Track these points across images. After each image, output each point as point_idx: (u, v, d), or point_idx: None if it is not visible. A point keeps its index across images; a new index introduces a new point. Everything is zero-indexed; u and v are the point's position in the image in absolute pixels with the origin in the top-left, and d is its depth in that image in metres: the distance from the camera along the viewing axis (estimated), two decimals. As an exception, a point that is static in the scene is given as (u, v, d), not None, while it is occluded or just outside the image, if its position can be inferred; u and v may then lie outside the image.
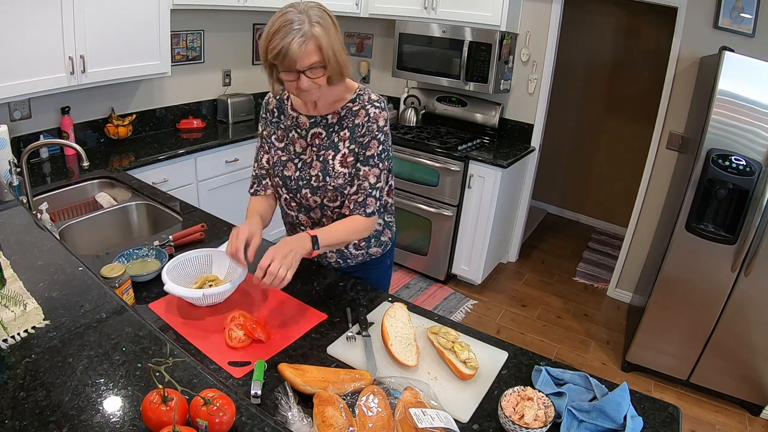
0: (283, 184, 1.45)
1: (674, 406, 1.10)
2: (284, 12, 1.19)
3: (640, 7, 3.46)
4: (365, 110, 1.35)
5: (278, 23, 1.17)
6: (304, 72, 1.21)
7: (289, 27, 1.16)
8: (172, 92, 3.24)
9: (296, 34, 1.16)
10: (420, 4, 3.23)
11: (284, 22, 1.17)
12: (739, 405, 2.54)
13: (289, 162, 1.43)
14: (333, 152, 1.37)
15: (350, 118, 1.37)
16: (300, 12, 1.18)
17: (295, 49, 1.16)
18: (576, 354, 2.90)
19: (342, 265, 1.58)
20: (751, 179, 2.13)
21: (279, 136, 1.45)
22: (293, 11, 1.19)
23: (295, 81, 1.22)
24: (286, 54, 1.16)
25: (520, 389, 1.04)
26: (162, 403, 0.73)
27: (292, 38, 1.15)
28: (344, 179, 1.38)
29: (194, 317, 1.27)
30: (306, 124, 1.40)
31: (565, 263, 3.96)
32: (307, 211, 1.47)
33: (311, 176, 1.39)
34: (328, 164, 1.37)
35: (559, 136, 4.47)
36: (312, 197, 1.41)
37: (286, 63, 1.19)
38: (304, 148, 1.41)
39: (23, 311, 0.97)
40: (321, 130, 1.39)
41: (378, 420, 0.93)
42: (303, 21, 1.17)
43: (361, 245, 1.55)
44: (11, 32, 2.05)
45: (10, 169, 1.88)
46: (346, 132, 1.37)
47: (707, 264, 2.33)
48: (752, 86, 2.09)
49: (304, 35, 1.16)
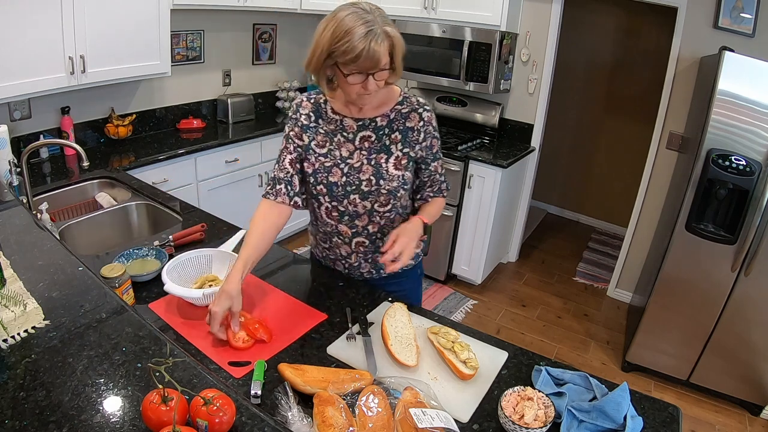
0: (327, 192, 1.37)
1: (674, 406, 1.10)
2: (353, 11, 1.15)
3: (640, 7, 3.46)
4: (418, 114, 1.35)
5: (350, 23, 1.13)
6: (373, 74, 1.18)
7: (364, 27, 1.12)
8: (172, 92, 3.24)
9: (374, 35, 1.12)
10: (420, 4, 3.23)
11: (358, 21, 1.13)
12: (739, 405, 2.54)
13: (335, 167, 1.35)
14: (386, 155, 1.34)
15: (401, 121, 1.35)
16: (369, 12, 1.15)
17: (376, 50, 1.13)
18: (576, 354, 2.90)
19: (374, 276, 1.52)
20: (751, 179, 2.13)
21: (319, 142, 1.37)
22: (362, 11, 1.15)
23: (361, 83, 1.19)
24: (367, 55, 1.13)
25: (520, 389, 1.04)
26: (162, 403, 0.73)
27: (371, 39, 1.12)
28: (398, 182, 1.35)
29: (194, 317, 1.27)
30: (353, 127, 1.35)
31: (565, 263, 3.96)
32: (351, 219, 1.40)
33: (361, 181, 1.34)
34: (381, 167, 1.34)
35: (559, 136, 4.47)
36: (361, 203, 1.36)
37: (361, 64, 1.15)
38: (352, 152, 1.35)
39: (23, 311, 0.97)
40: (370, 133, 1.35)
41: (378, 420, 0.93)
42: (376, 21, 1.14)
43: None
44: (11, 32, 2.05)
45: (10, 169, 1.88)
46: (397, 135, 1.34)
47: (707, 264, 2.33)
48: (752, 86, 2.09)
49: (381, 36, 1.14)
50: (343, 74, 1.18)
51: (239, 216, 2.99)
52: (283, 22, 3.83)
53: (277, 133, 3.39)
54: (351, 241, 1.44)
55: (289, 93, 3.89)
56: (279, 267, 1.57)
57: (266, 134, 3.31)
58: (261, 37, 3.75)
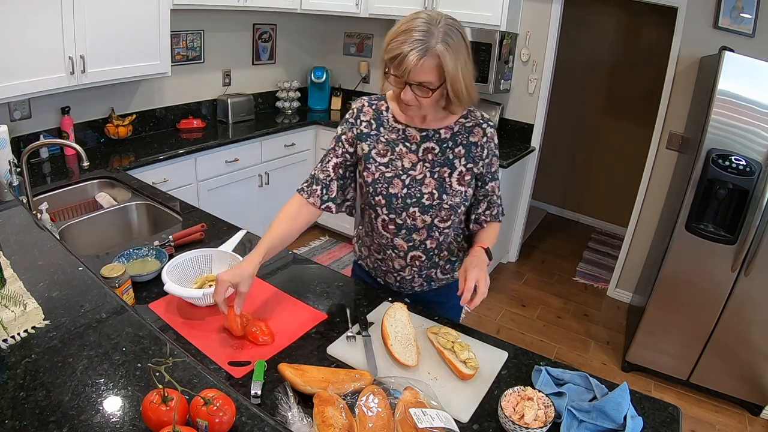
0: (386, 203, 1.32)
1: (674, 406, 1.10)
2: (415, 16, 1.13)
3: (640, 7, 3.46)
4: (482, 129, 1.32)
5: (405, 25, 1.12)
6: (411, 85, 1.15)
7: (411, 34, 1.09)
8: (172, 92, 3.24)
9: (417, 45, 1.09)
10: (420, 4, 3.23)
11: (410, 27, 1.10)
12: (739, 405, 2.54)
13: (396, 178, 1.31)
14: (449, 169, 1.30)
15: (464, 135, 1.31)
16: (430, 22, 1.11)
17: (410, 60, 1.09)
18: (576, 354, 2.90)
19: (425, 288, 1.48)
20: (751, 179, 2.13)
21: (380, 150, 1.32)
22: (423, 19, 1.12)
23: (400, 89, 1.18)
24: (401, 62, 1.10)
25: (520, 389, 1.04)
26: (162, 403, 0.73)
27: (411, 48, 1.09)
28: (461, 198, 1.32)
29: (194, 317, 1.27)
30: (416, 138, 1.31)
31: (565, 263, 3.96)
32: (408, 233, 1.35)
33: (423, 194, 1.30)
34: (444, 182, 1.30)
35: (559, 136, 4.47)
36: (421, 216, 1.31)
37: (396, 69, 1.13)
38: (414, 163, 1.31)
39: (23, 311, 0.97)
40: (434, 145, 1.30)
41: (378, 420, 0.93)
42: (430, 33, 1.09)
43: (447, 269, 1.47)
44: (11, 32, 2.05)
45: (10, 169, 1.88)
46: (460, 149, 1.31)
47: (707, 264, 2.33)
48: (752, 86, 2.09)
49: (425, 50, 1.09)
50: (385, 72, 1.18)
51: (239, 216, 3.00)
52: (283, 22, 3.83)
53: (277, 133, 3.39)
54: (406, 255, 1.39)
55: (289, 93, 3.88)
56: (279, 267, 1.57)
57: (266, 134, 3.31)
58: (261, 37, 3.75)
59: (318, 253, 3.76)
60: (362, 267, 1.57)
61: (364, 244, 1.51)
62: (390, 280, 1.48)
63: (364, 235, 1.49)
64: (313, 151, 3.76)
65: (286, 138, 3.47)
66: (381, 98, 1.37)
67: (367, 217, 1.42)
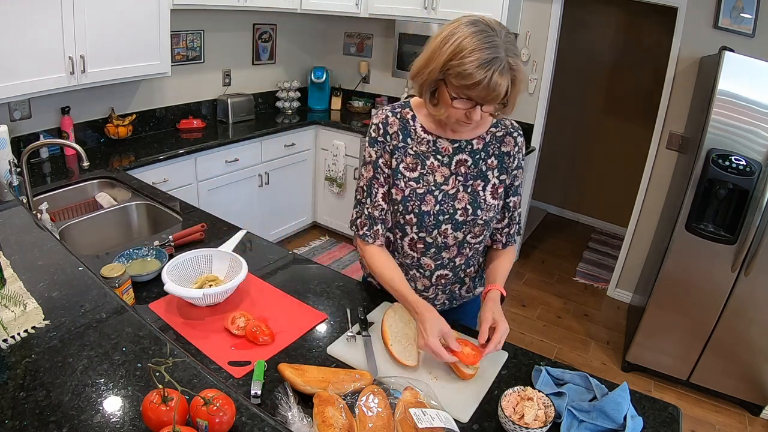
0: (417, 221, 1.24)
1: (674, 406, 1.10)
2: (479, 30, 1.02)
3: (640, 7, 3.46)
4: (512, 138, 1.25)
5: (474, 43, 1.00)
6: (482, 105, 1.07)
7: (489, 53, 0.99)
8: (172, 92, 3.24)
9: (498, 65, 1.00)
10: (420, 4, 3.23)
11: (483, 44, 1.00)
12: (739, 405, 2.54)
13: (428, 195, 1.22)
14: (483, 182, 1.23)
15: (496, 145, 1.24)
16: (495, 33, 1.02)
17: (499, 82, 1.00)
18: (576, 354, 2.90)
19: (446, 307, 1.42)
20: (751, 179, 2.13)
21: (409, 164, 1.22)
22: (489, 30, 1.02)
23: (466, 110, 1.08)
24: (487, 86, 1.00)
25: (520, 389, 1.04)
26: (162, 403, 0.73)
27: (496, 69, 1.00)
28: (494, 212, 1.26)
29: (194, 317, 1.27)
30: (449, 150, 1.22)
31: (565, 263, 3.96)
32: (438, 251, 1.28)
33: (456, 210, 1.23)
34: (478, 196, 1.23)
35: (559, 136, 4.47)
36: (453, 233, 1.24)
37: (477, 93, 1.03)
38: (447, 177, 1.22)
39: (23, 311, 0.97)
40: (467, 157, 1.23)
41: (378, 420, 0.93)
42: (498, 47, 1.01)
43: (471, 287, 1.42)
44: (11, 32, 2.05)
45: (10, 169, 1.88)
46: (493, 160, 1.24)
47: (707, 264, 2.33)
48: (752, 86, 2.08)
49: (504, 67, 1.01)
50: (450, 96, 1.07)
51: (239, 216, 3.00)
52: (283, 22, 3.83)
53: (277, 133, 3.39)
54: (432, 275, 1.32)
55: (289, 93, 3.89)
56: (279, 267, 1.57)
57: (266, 134, 3.31)
58: (261, 37, 3.75)
59: (318, 253, 3.76)
60: (373, 284, 1.49)
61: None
62: None
63: None
64: (313, 151, 3.77)
65: (286, 138, 3.47)
66: (405, 105, 1.26)
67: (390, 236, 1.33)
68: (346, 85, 4.21)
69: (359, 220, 1.29)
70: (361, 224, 1.29)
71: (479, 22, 1.04)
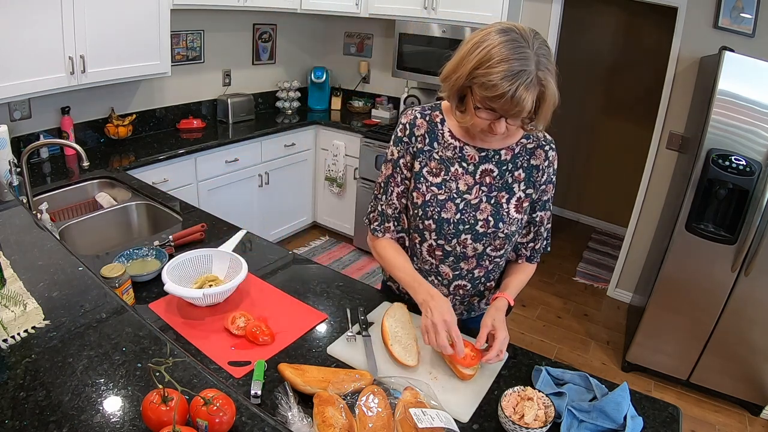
0: (436, 228, 1.21)
1: (674, 406, 1.10)
2: (510, 39, 0.97)
3: (640, 7, 3.46)
4: (544, 151, 1.20)
5: (503, 53, 0.96)
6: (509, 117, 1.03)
7: (517, 64, 0.95)
8: (172, 92, 3.24)
9: (525, 78, 0.95)
10: (420, 4, 3.23)
11: (512, 54, 0.95)
12: (739, 405, 2.54)
13: (449, 202, 1.19)
14: (507, 195, 1.19)
15: (525, 157, 1.20)
16: (527, 44, 0.97)
17: (524, 96, 0.96)
18: (576, 354, 2.89)
19: (463, 317, 1.40)
20: (751, 179, 2.13)
21: (433, 169, 1.20)
22: (521, 40, 0.97)
23: (490, 121, 1.05)
24: (511, 100, 0.96)
25: (520, 389, 1.04)
26: (162, 403, 0.73)
27: (521, 83, 0.95)
28: (517, 226, 1.22)
29: (194, 317, 1.27)
30: (475, 158, 1.19)
31: (565, 263, 3.96)
32: (456, 261, 1.25)
33: (477, 220, 1.19)
34: (501, 208, 1.19)
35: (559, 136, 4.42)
36: (472, 244, 1.21)
37: (500, 106, 0.99)
38: (471, 186, 1.19)
39: (23, 311, 0.97)
40: (493, 168, 1.19)
41: (378, 420, 0.93)
42: (528, 58, 0.96)
43: (490, 301, 1.36)
44: (11, 32, 2.05)
45: (10, 169, 1.88)
46: (521, 173, 1.20)
47: (707, 264, 2.33)
48: (752, 86, 2.09)
49: (532, 81, 0.96)
50: (474, 105, 1.04)
51: (239, 216, 3.00)
52: (283, 22, 3.84)
53: (277, 133, 3.39)
54: (450, 284, 1.30)
55: (289, 93, 3.89)
56: (279, 267, 1.57)
57: (266, 134, 3.31)
58: (261, 37, 3.75)
59: (318, 253, 3.76)
60: (392, 289, 1.47)
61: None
62: None
63: None
64: (313, 151, 3.77)
65: (286, 138, 3.47)
66: (435, 108, 1.23)
67: (408, 241, 1.31)
68: (346, 85, 4.21)
69: (372, 215, 1.32)
70: (373, 219, 1.31)
71: (512, 30, 0.99)
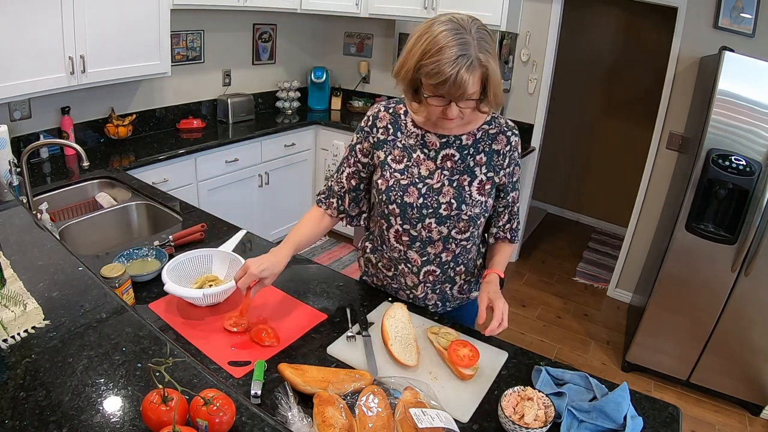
0: (400, 213, 1.25)
1: (674, 406, 1.10)
2: (449, 28, 1.04)
3: (640, 7, 3.46)
4: (506, 137, 1.25)
5: (442, 40, 1.02)
6: (457, 101, 1.09)
7: (456, 50, 1.01)
8: (172, 92, 3.24)
9: (464, 61, 1.01)
10: (420, 4, 3.23)
11: (452, 41, 1.02)
12: (739, 405, 2.54)
13: (411, 186, 1.24)
14: (469, 178, 1.24)
15: (487, 142, 1.25)
16: (465, 30, 1.03)
17: (465, 78, 1.02)
18: (576, 354, 2.90)
19: (439, 309, 1.43)
20: (751, 179, 2.13)
21: (396, 156, 1.26)
22: (459, 28, 1.04)
23: (442, 107, 1.11)
24: (453, 83, 1.03)
25: (520, 389, 1.04)
26: (162, 403, 0.73)
27: (461, 66, 1.01)
28: (480, 208, 1.25)
29: (194, 317, 1.27)
30: (436, 144, 1.24)
31: (565, 263, 3.96)
32: (423, 246, 1.28)
33: (440, 204, 1.23)
34: (464, 191, 1.23)
35: (559, 136, 4.47)
36: (437, 228, 1.25)
37: (446, 90, 1.05)
38: (432, 171, 1.24)
39: (23, 311, 0.97)
40: (454, 152, 1.24)
41: (378, 420, 0.93)
42: (467, 44, 1.02)
43: (464, 289, 1.42)
44: (11, 32, 2.05)
45: (10, 169, 1.88)
46: (482, 156, 1.24)
47: (707, 264, 2.33)
48: (752, 86, 2.09)
49: (473, 63, 1.02)
50: (423, 94, 1.11)
51: (239, 216, 3.00)
52: (283, 22, 3.84)
53: (277, 133, 3.39)
54: (420, 271, 1.33)
55: (289, 93, 3.89)
56: (279, 267, 1.57)
57: (266, 134, 3.31)
58: (261, 37, 3.75)
59: (318, 253, 3.76)
60: (368, 283, 1.52)
61: (371, 259, 1.45)
62: (402, 298, 1.42)
63: (372, 249, 1.43)
64: (313, 151, 3.77)
65: (286, 138, 3.47)
66: (399, 102, 1.30)
67: (377, 229, 1.36)
68: (346, 85, 4.21)
69: (321, 189, 1.43)
70: (321, 192, 1.42)
71: (451, 20, 1.06)
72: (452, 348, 1.16)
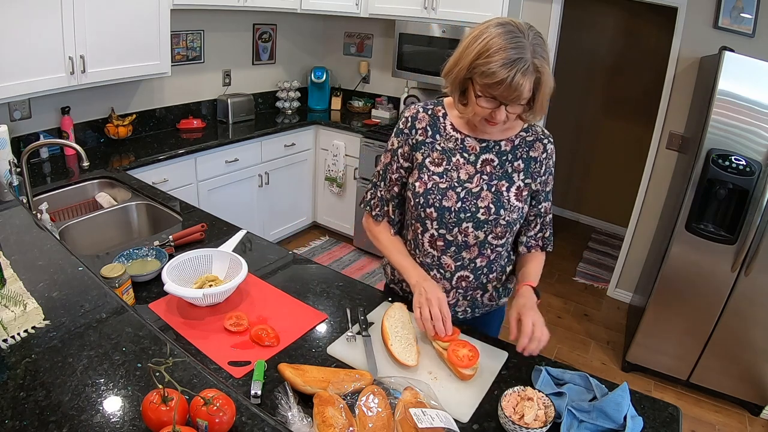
0: (437, 217, 1.24)
1: (674, 406, 1.10)
2: (507, 30, 1.04)
3: (640, 7, 3.46)
4: (542, 144, 1.26)
5: (500, 43, 1.02)
6: (508, 104, 1.09)
7: (514, 52, 1.02)
8: (172, 92, 3.24)
9: (522, 65, 1.02)
10: (420, 4, 3.23)
11: (509, 43, 1.02)
12: (739, 405, 2.54)
13: (450, 190, 1.23)
14: (507, 183, 1.24)
15: (524, 149, 1.25)
16: (523, 35, 1.04)
17: (520, 82, 1.02)
18: (576, 354, 2.89)
19: (467, 316, 1.41)
20: (751, 179, 2.13)
21: (435, 159, 1.25)
22: (517, 31, 1.04)
23: (491, 110, 1.10)
24: (509, 85, 1.03)
25: (520, 389, 1.04)
26: (162, 403, 0.73)
27: (518, 69, 1.02)
28: (518, 214, 1.25)
29: (194, 317, 1.27)
30: (476, 149, 1.24)
31: (565, 263, 3.96)
32: (458, 250, 1.27)
33: (479, 208, 1.22)
34: (502, 196, 1.23)
35: (559, 136, 4.43)
36: (474, 232, 1.24)
37: (500, 92, 1.05)
38: (472, 175, 1.24)
39: (23, 311, 0.97)
40: (493, 157, 1.24)
41: (378, 420, 0.93)
42: (524, 47, 1.03)
43: (494, 296, 1.39)
44: (11, 32, 2.05)
45: (10, 169, 1.88)
46: (520, 163, 1.24)
47: (707, 264, 2.33)
48: (752, 86, 2.08)
49: (529, 68, 1.03)
50: (475, 94, 1.10)
51: (239, 216, 3.00)
52: (283, 22, 3.84)
53: (277, 133, 3.39)
54: (453, 276, 1.31)
55: (289, 93, 3.89)
56: (279, 267, 1.57)
57: (266, 134, 3.31)
58: (261, 37, 3.75)
59: (318, 253, 3.76)
60: (395, 291, 1.49)
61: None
62: None
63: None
64: (313, 152, 3.77)
65: (286, 138, 3.47)
66: (438, 103, 1.29)
67: (411, 233, 1.34)
68: (346, 85, 4.21)
69: (372, 201, 1.38)
70: (374, 205, 1.38)
71: (508, 23, 1.06)
72: (452, 348, 1.15)
